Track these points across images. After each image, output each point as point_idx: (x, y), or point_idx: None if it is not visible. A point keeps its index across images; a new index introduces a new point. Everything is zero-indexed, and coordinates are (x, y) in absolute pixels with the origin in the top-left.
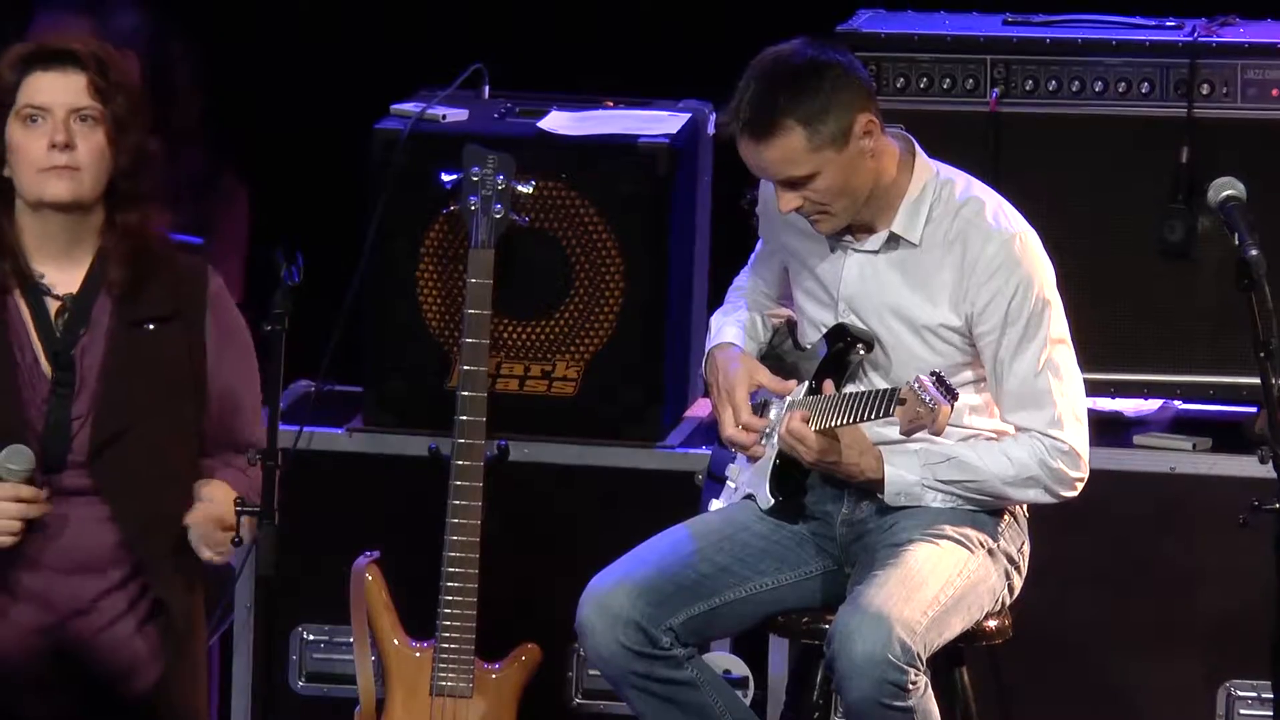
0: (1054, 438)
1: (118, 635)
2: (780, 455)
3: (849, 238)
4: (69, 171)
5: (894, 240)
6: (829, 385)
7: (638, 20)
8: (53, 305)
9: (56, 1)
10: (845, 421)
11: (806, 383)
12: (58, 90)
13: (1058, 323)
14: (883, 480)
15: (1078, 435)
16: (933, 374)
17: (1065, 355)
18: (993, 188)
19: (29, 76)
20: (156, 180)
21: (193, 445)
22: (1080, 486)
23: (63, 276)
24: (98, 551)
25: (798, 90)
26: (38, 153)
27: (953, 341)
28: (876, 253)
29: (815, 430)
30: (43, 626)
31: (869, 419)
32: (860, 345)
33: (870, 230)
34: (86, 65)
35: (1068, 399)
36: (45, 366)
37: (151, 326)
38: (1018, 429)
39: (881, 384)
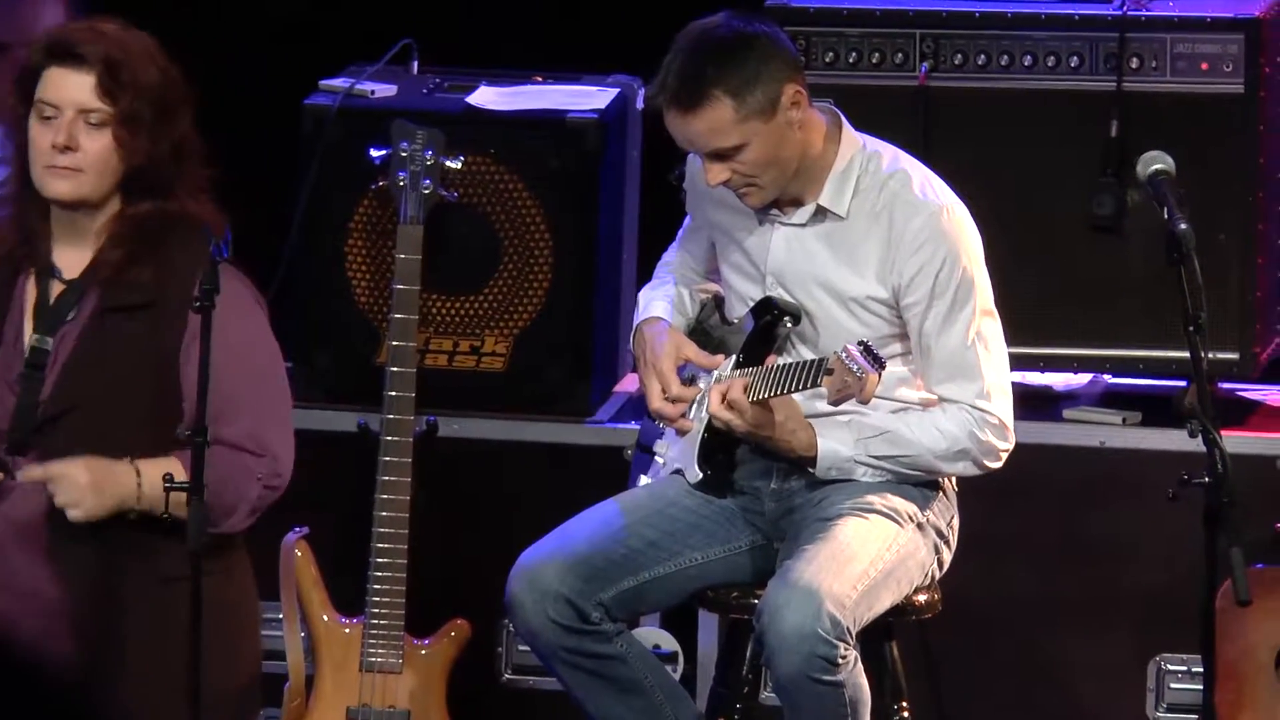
0: (983, 410)
1: (67, 621)
2: (708, 429)
3: (776, 211)
4: (70, 172)
5: (821, 213)
6: (771, 359)
7: None
8: (56, 289)
9: None
10: (774, 392)
11: (734, 357)
12: (67, 89)
13: (985, 294)
14: (815, 454)
15: (1004, 407)
16: (860, 343)
17: (992, 327)
18: (922, 162)
19: (47, 70)
20: (188, 172)
21: (149, 434)
22: (1005, 458)
23: (74, 262)
24: (44, 531)
25: (724, 61)
26: (45, 149)
27: (880, 314)
28: (804, 226)
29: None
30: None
31: (797, 389)
32: (787, 318)
33: (797, 203)
34: (94, 66)
35: (995, 371)
36: (26, 349)
37: (128, 313)
38: (945, 401)
39: (810, 356)
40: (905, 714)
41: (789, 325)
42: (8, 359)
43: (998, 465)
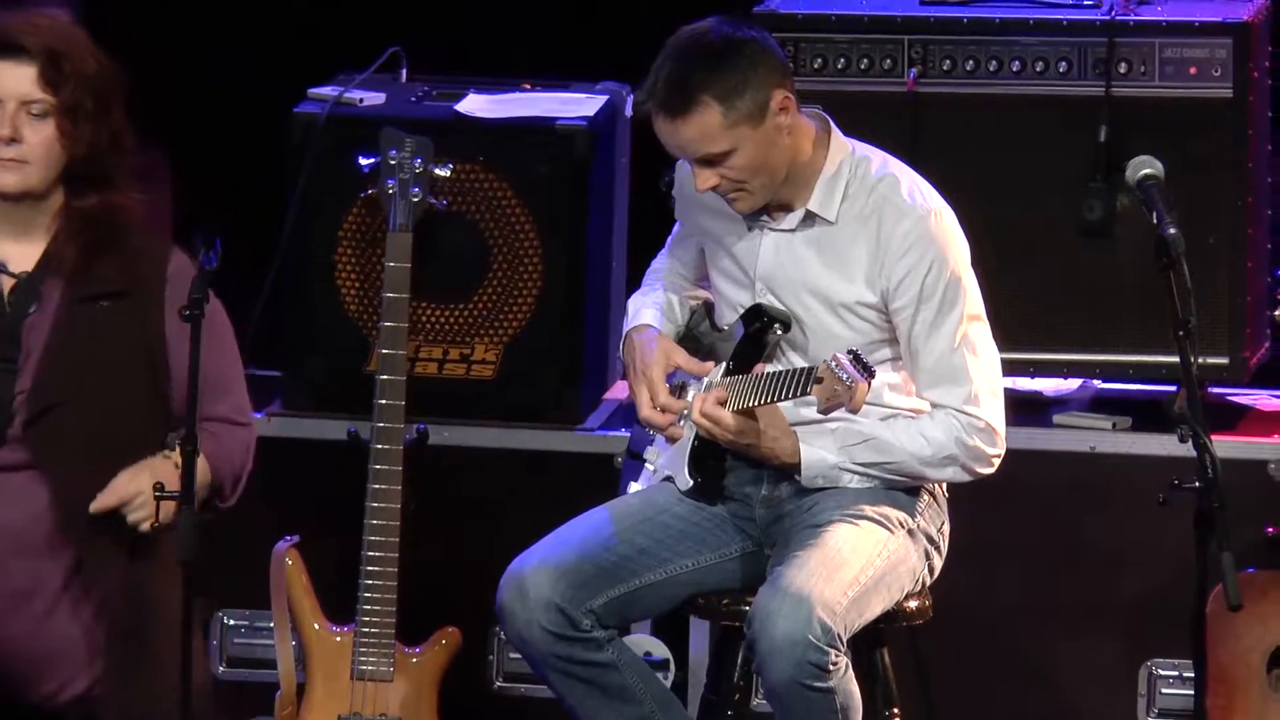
0: (970, 414)
1: (55, 625)
2: (698, 437)
3: (765, 217)
4: (14, 164)
5: (810, 218)
6: (760, 366)
7: (555, 2)
8: (7, 283)
9: None
10: (763, 401)
11: (724, 364)
12: (8, 81)
13: (973, 299)
14: (799, 462)
15: (994, 412)
16: (850, 352)
17: (981, 332)
18: (911, 167)
19: None
20: (123, 162)
21: (144, 422)
22: (997, 464)
23: (21, 256)
24: (34, 530)
25: (713, 67)
26: None
27: (870, 319)
28: (793, 231)
29: (733, 410)
30: None
31: (787, 398)
32: (777, 325)
33: (787, 209)
34: (36, 56)
35: (984, 375)
36: None
37: (104, 303)
38: (934, 405)
39: (800, 363)
40: None
41: (779, 332)
42: None
43: (989, 471)
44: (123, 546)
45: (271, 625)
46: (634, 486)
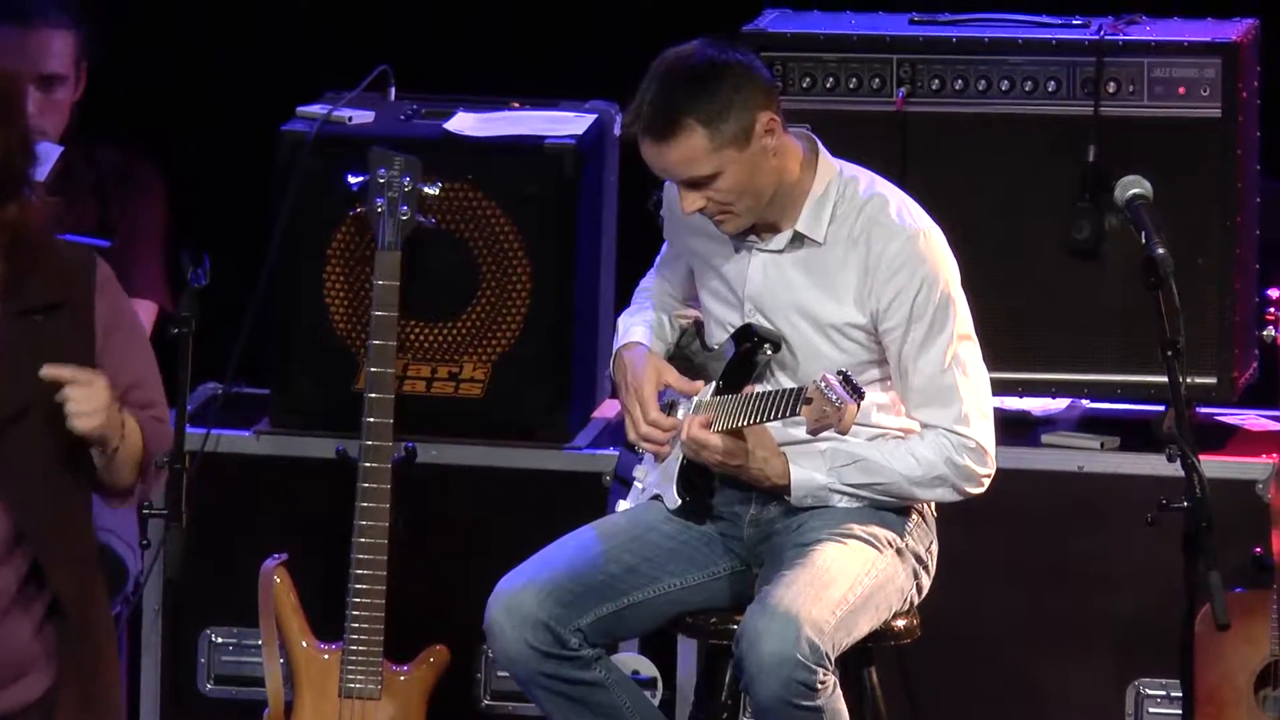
0: (960, 434)
1: (9, 632)
2: (687, 456)
3: (753, 238)
4: None
5: (798, 239)
6: (750, 386)
7: (543, 22)
8: None
9: None
10: (752, 421)
11: (713, 383)
12: None
13: (963, 319)
14: (789, 483)
15: (984, 431)
16: (839, 373)
17: (971, 351)
18: (899, 187)
19: None
20: (31, 168)
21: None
22: (987, 483)
23: None
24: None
25: (697, 90)
26: None
27: (858, 340)
28: (781, 252)
29: (722, 430)
30: None
31: (776, 419)
32: (767, 345)
33: (775, 230)
34: None
35: (974, 395)
36: None
37: (40, 317)
38: (924, 425)
39: (789, 383)
40: None
41: (769, 352)
42: None
43: (979, 491)
44: (75, 553)
45: (259, 643)
46: (622, 505)
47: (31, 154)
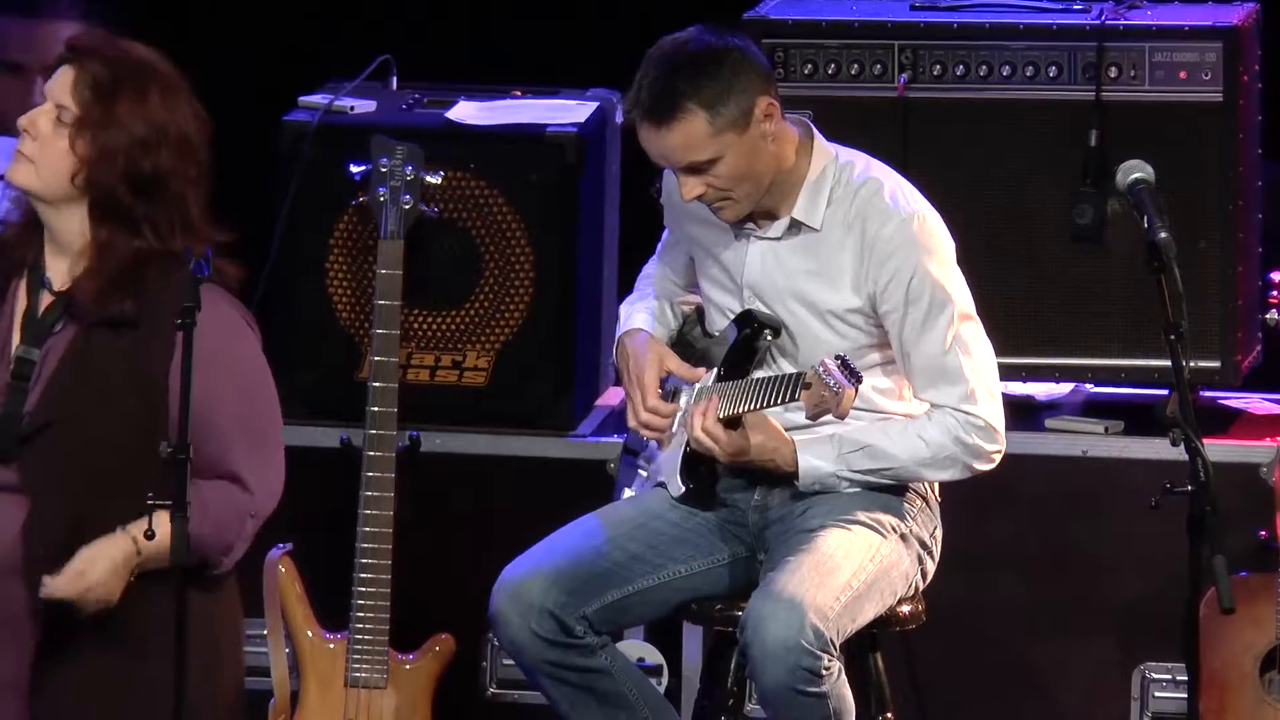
0: (968, 413)
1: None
2: (690, 443)
3: (751, 225)
4: (23, 159)
5: (795, 226)
6: (751, 372)
7: (544, 9)
8: (46, 300)
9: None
10: (753, 407)
11: (715, 369)
12: (56, 83)
13: (962, 299)
14: (797, 470)
15: (992, 409)
16: (837, 357)
17: (973, 330)
18: (900, 173)
19: (59, 67)
20: (153, 211)
21: (130, 458)
22: (997, 459)
23: (62, 273)
24: (21, 551)
25: (697, 74)
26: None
27: (857, 324)
28: (779, 239)
29: (724, 416)
30: None
31: (776, 404)
32: (767, 331)
33: (772, 217)
34: (85, 66)
35: (979, 374)
36: (13, 359)
37: (115, 330)
38: (932, 406)
39: (790, 369)
40: None
41: (769, 338)
42: (2, 369)
43: (989, 467)
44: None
45: (265, 633)
46: (627, 492)
47: (157, 200)
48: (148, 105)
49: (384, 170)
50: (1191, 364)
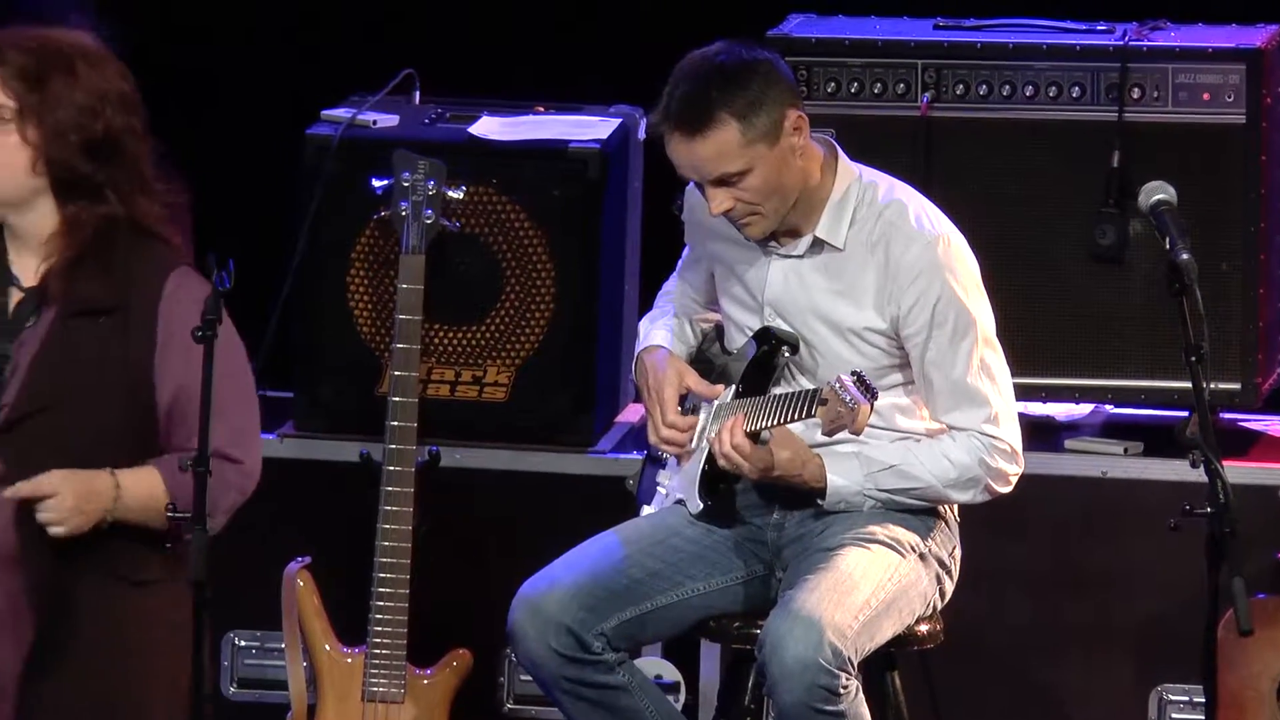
0: (992, 436)
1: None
2: (709, 460)
3: (774, 243)
4: None
5: (818, 245)
6: (769, 389)
7: (568, 26)
8: (15, 297)
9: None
10: (771, 423)
11: (733, 386)
12: None
13: (986, 322)
14: (824, 486)
15: (1014, 433)
16: (853, 373)
17: (995, 354)
18: (923, 193)
19: None
20: (123, 172)
21: (116, 443)
22: (1014, 482)
23: (30, 269)
24: (15, 541)
25: (729, 85)
26: None
27: (879, 344)
28: (801, 257)
29: (744, 432)
30: None
31: (793, 420)
32: (786, 347)
33: (795, 235)
34: (7, 62)
35: (1002, 398)
36: None
37: (92, 318)
38: (953, 428)
39: (809, 386)
40: None
41: (787, 354)
42: None
43: (1008, 490)
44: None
45: (283, 646)
46: (646, 510)
47: (123, 160)
48: (78, 76)
49: (406, 185)
50: (1212, 386)
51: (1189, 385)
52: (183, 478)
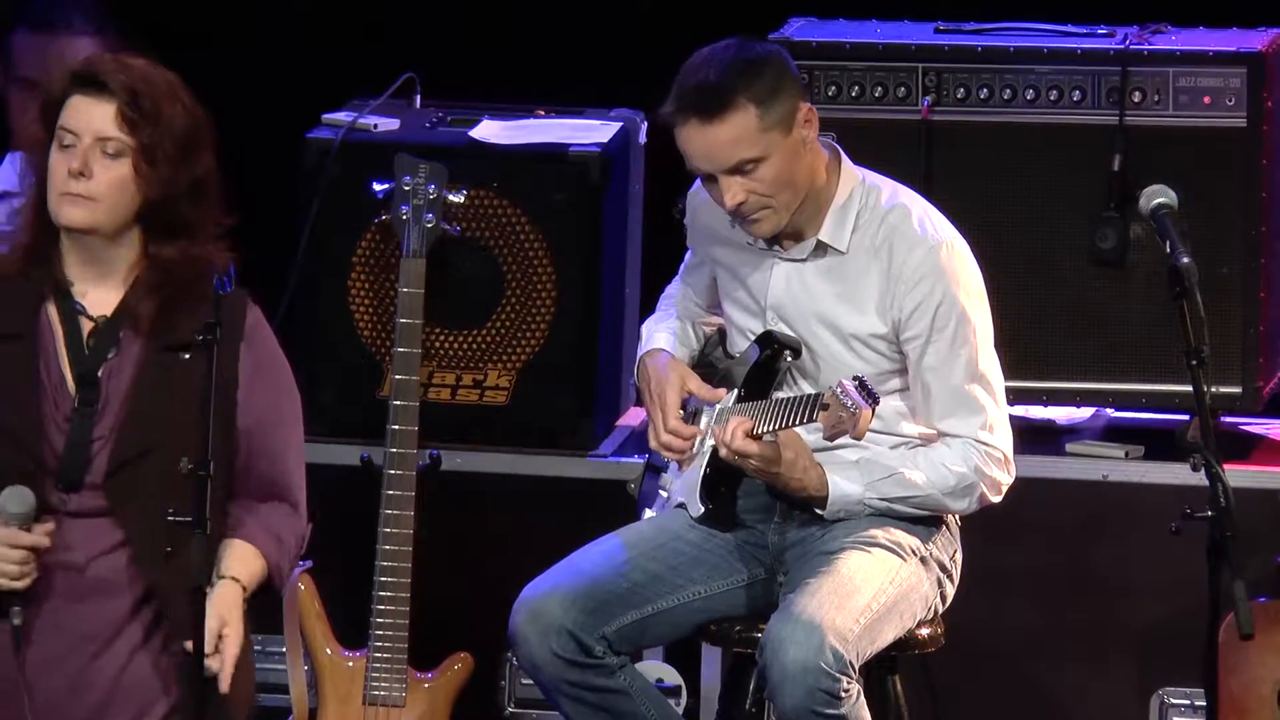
0: (986, 444)
1: (134, 667)
2: (710, 464)
3: (776, 247)
4: (82, 200)
5: (821, 248)
6: (771, 393)
7: (569, 30)
8: (86, 326)
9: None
10: (773, 428)
11: (735, 390)
12: (88, 117)
13: (984, 330)
14: (826, 494)
15: (1006, 441)
16: (855, 378)
17: (991, 362)
18: (924, 196)
19: (70, 98)
20: (206, 213)
21: (215, 477)
22: (1005, 491)
23: (100, 299)
24: (110, 576)
25: (745, 70)
26: (61, 176)
27: (880, 350)
28: (804, 261)
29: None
30: (54, 656)
31: (795, 424)
32: (788, 352)
33: (798, 238)
34: (117, 94)
35: (996, 406)
36: (71, 386)
37: (184, 355)
38: (947, 435)
39: (810, 390)
40: None
41: (789, 359)
42: (54, 396)
43: (998, 499)
44: (187, 585)
45: (284, 650)
46: (648, 513)
47: (208, 201)
48: (178, 111)
49: (407, 188)
50: (1212, 389)
51: (1190, 389)
52: (272, 542)
